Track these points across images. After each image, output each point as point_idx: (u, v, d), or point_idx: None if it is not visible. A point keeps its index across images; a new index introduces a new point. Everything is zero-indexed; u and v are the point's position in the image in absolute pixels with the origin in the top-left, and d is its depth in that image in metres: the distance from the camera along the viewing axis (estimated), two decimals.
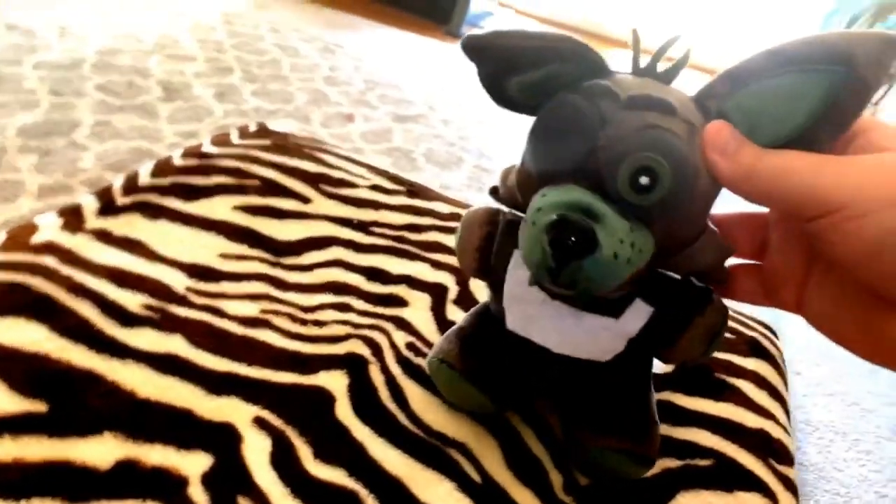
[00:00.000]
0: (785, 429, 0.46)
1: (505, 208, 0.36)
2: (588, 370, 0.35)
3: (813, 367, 0.96)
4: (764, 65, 0.26)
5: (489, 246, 0.36)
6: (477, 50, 0.31)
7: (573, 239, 0.26)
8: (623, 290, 0.31)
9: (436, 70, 1.44)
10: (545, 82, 0.30)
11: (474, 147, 1.18)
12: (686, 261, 0.30)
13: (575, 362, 0.34)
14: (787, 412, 0.48)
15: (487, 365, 0.38)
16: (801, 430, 0.82)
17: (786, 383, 0.51)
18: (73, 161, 0.84)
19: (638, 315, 0.32)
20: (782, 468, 0.42)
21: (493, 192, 0.36)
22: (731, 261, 0.34)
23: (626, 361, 0.34)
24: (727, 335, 0.52)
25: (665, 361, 0.35)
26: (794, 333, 1.03)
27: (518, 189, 0.33)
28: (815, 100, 0.25)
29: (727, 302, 0.34)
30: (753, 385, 0.48)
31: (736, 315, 0.55)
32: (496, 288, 0.36)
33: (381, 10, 1.83)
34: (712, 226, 0.31)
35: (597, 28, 2.58)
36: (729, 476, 0.40)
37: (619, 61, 0.30)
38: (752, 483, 0.40)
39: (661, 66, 0.30)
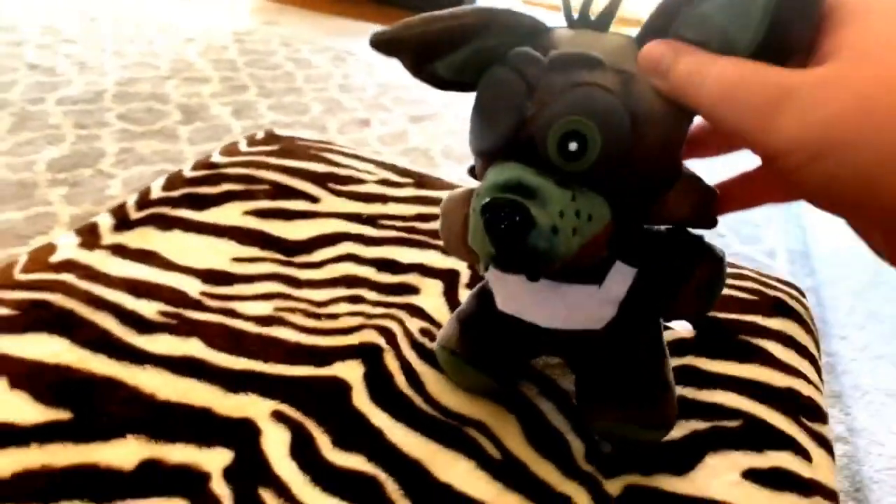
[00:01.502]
0: (816, 386, 0.45)
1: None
2: (586, 341, 0.34)
3: (858, 331, 0.93)
4: None
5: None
6: (386, 47, 0.29)
7: (507, 221, 0.25)
8: (597, 255, 0.29)
9: None
10: (473, 59, 0.29)
11: None
12: (663, 211, 0.29)
13: (570, 335, 0.34)
14: (818, 370, 0.47)
15: (488, 346, 0.38)
16: (850, 395, 0.79)
17: (816, 342, 0.50)
18: (100, 189, 0.87)
19: (621, 278, 0.31)
20: (814, 426, 0.41)
21: (472, 171, 0.35)
22: (749, 164, 0.30)
23: (624, 326, 0.33)
24: (750, 296, 0.51)
25: (665, 319, 0.34)
26: (837, 298, 1.00)
27: None
28: (757, 18, 0.23)
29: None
30: (780, 345, 0.46)
31: (759, 276, 0.54)
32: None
33: (388, 13, 1.85)
34: (690, 170, 0.30)
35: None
36: (758, 436, 0.39)
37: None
38: (782, 442, 0.39)
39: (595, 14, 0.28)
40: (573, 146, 0.25)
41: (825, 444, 0.41)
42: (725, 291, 0.50)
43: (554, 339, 0.34)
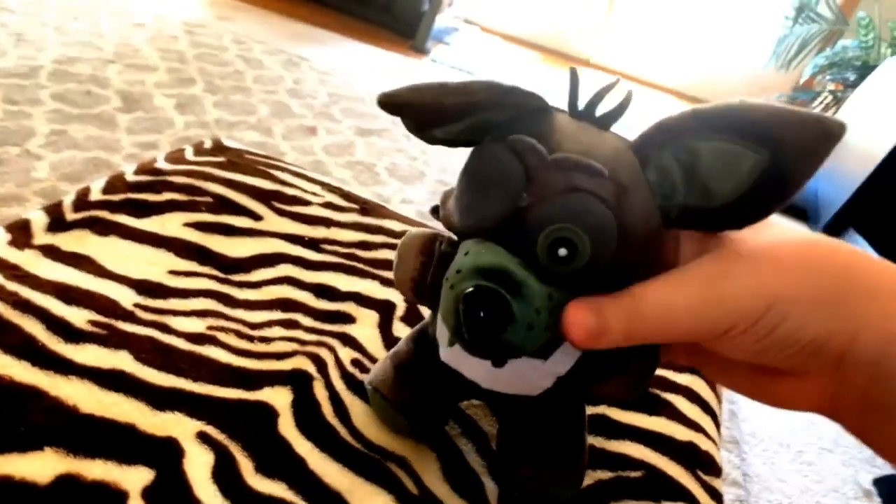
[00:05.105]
0: (714, 441, 0.49)
1: (445, 232, 0.38)
2: (518, 403, 0.36)
3: None
4: (698, 123, 0.26)
5: (424, 276, 0.36)
6: (395, 108, 0.30)
7: (487, 313, 0.25)
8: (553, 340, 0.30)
9: (401, 84, 1.46)
10: (472, 129, 0.30)
11: (436, 161, 1.20)
12: None
13: (505, 395, 0.35)
14: (717, 425, 0.51)
15: (420, 396, 0.39)
16: (747, 441, 0.85)
17: (718, 397, 0.54)
18: (26, 171, 0.83)
19: (567, 356, 0.32)
20: (708, 479, 0.45)
21: (434, 211, 0.37)
22: None
23: (556, 396, 0.35)
24: None
25: (592, 398, 0.36)
26: None
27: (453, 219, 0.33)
28: (742, 175, 0.25)
29: None
30: (685, 399, 0.50)
31: None
32: (434, 312, 0.38)
33: (347, 23, 1.85)
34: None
35: (561, 46, 2.63)
36: (657, 487, 0.43)
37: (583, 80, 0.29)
38: (679, 494, 0.43)
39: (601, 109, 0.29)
40: (563, 252, 0.25)
41: (717, 496, 0.44)
42: None
43: (488, 396, 0.36)
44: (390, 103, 0.30)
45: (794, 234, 0.26)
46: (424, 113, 0.30)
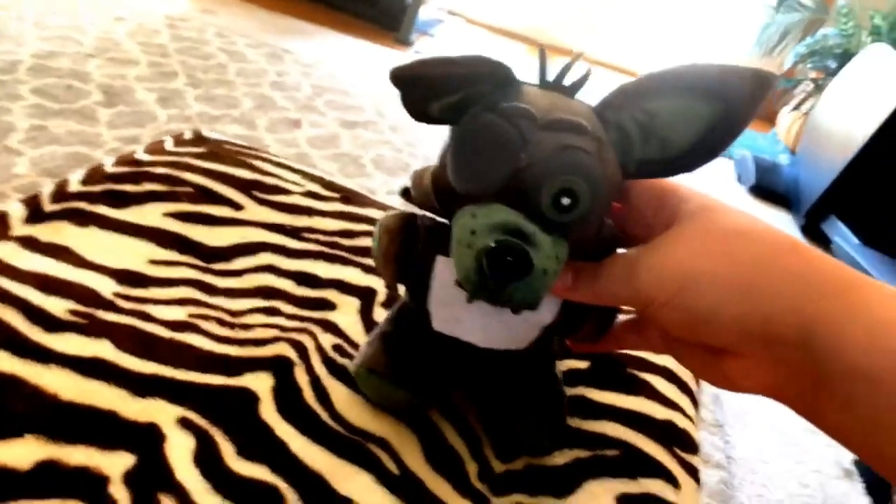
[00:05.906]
0: (691, 419, 0.49)
1: (419, 211, 0.38)
2: (506, 358, 0.38)
3: None
4: (655, 86, 0.30)
5: (407, 252, 0.37)
6: (406, 80, 0.32)
7: (510, 263, 0.28)
8: None
9: (385, 77, 1.46)
10: (462, 102, 0.32)
11: (422, 153, 1.20)
12: (591, 254, 0.33)
13: (496, 352, 0.38)
14: (695, 404, 0.52)
15: (412, 364, 0.40)
16: (732, 425, 0.86)
17: (697, 378, 0.55)
18: (6, 167, 0.82)
19: (552, 305, 0.36)
20: (686, 455, 0.46)
21: (405, 193, 0.38)
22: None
23: (540, 347, 0.38)
24: None
25: (568, 343, 0.39)
26: None
27: (436, 196, 0.35)
28: (698, 125, 0.29)
29: None
30: (664, 379, 0.51)
31: None
32: (417, 291, 0.38)
33: (330, 16, 1.84)
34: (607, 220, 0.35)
35: (543, 37, 2.64)
36: (634, 464, 0.43)
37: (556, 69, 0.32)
38: (656, 470, 0.43)
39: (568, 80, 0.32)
40: (566, 201, 0.29)
41: (693, 472, 0.45)
42: None
43: (479, 356, 0.38)
44: (403, 76, 0.31)
45: (743, 224, 0.28)
46: (432, 84, 0.32)
